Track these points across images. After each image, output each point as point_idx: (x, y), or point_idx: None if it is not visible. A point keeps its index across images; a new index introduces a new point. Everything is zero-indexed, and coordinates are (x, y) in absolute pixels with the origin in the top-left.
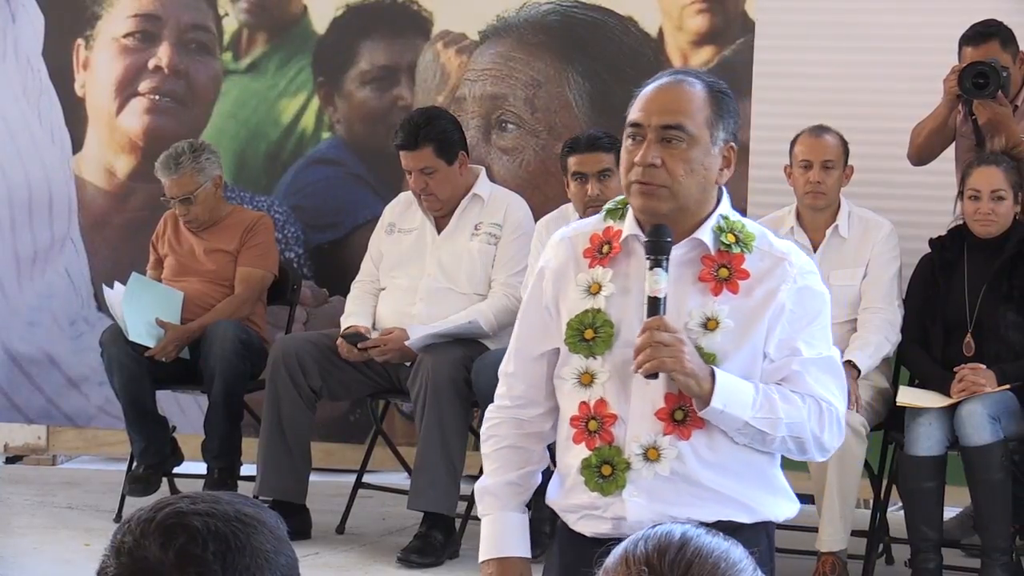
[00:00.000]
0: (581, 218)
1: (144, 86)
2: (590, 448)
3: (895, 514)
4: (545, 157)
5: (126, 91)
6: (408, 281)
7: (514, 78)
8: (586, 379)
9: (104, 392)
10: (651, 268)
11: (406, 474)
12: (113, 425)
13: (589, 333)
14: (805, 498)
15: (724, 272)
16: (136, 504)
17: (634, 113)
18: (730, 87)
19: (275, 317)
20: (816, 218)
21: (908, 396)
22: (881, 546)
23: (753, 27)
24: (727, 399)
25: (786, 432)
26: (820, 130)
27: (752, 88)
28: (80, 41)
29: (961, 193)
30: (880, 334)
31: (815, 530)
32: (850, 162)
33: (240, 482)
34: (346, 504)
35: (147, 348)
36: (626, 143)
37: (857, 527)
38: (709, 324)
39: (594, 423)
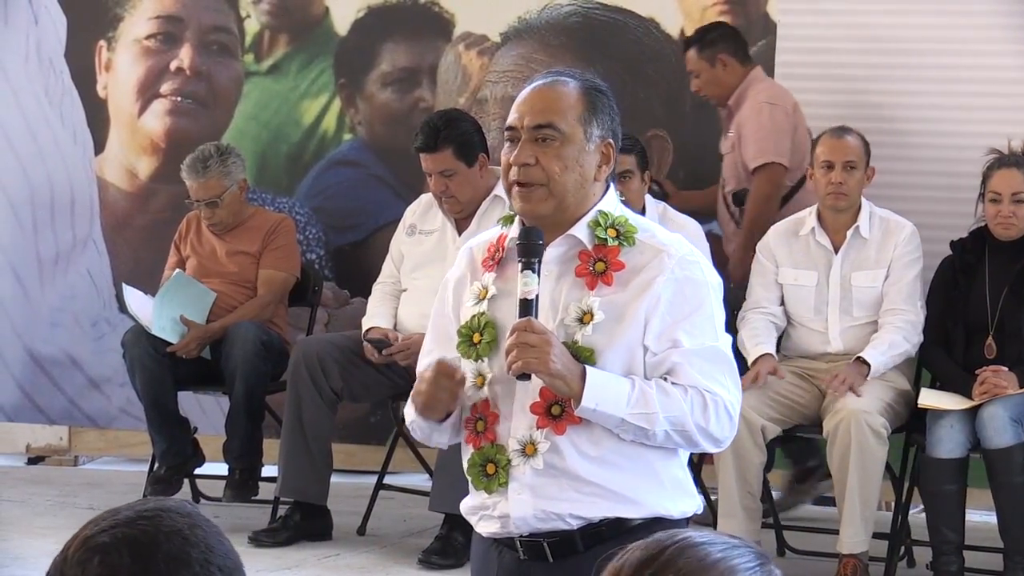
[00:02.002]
0: None
1: (166, 88)
2: (475, 448)
3: (917, 516)
4: None
5: (148, 92)
6: (429, 283)
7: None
8: (480, 381)
9: (126, 393)
10: (522, 270)
11: (427, 475)
12: (135, 426)
13: (477, 337)
14: (827, 500)
15: (600, 266)
16: None
17: (509, 117)
18: None
19: (296, 318)
20: (837, 219)
21: (930, 398)
22: (902, 548)
23: (775, 28)
24: (599, 397)
25: (667, 426)
26: (841, 131)
27: None
28: (102, 43)
29: (982, 195)
30: (898, 334)
31: (836, 532)
32: (872, 163)
33: (261, 483)
34: (367, 505)
35: (168, 344)
36: (504, 149)
37: (878, 529)
38: (584, 318)
39: (481, 423)
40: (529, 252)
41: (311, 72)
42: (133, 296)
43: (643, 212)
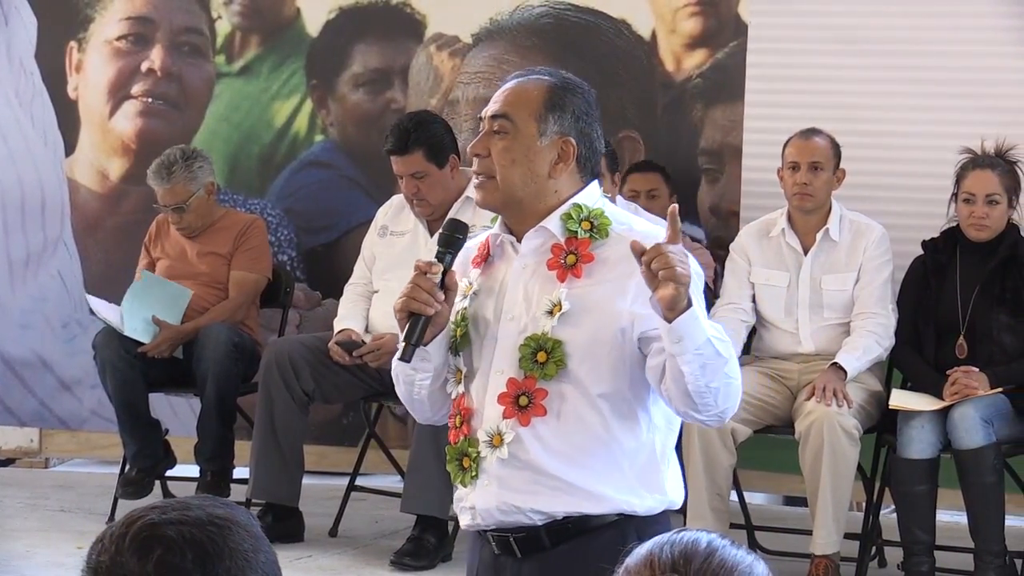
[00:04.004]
0: None
1: (137, 89)
2: (453, 442)
3: (888, 517)
4: None
5: (119, 94)
6: (401, 284)
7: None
8: (458, 376)
9: (97, 395)
10: (436, 257)
11: (399, 477)
12: (106, 428)
13: (458, 331)
14: (798, 500)
15: (571, 259)
16: (129, 507)
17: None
18: (723, 90)
19: (268, 320)
20: (807, 221)
21: (901, 399)
22: (874, 549)
23: (746, 30)
24: (700, 313)
25: (728, 364)
26: (810, 132)
27: (745, 91)
28: (73, 44)
29: (955, 196)
30: (870, 338)
31: (808, 532)
32: (843, 165)
33: (233, 485)
34: (339, 507)
35: (140, 345)
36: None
37: (850, 530)
38: (553, 310)
39: (458, 418)
40: (447, 243)
41: (283, 73)
42: (98, 304)
43: None
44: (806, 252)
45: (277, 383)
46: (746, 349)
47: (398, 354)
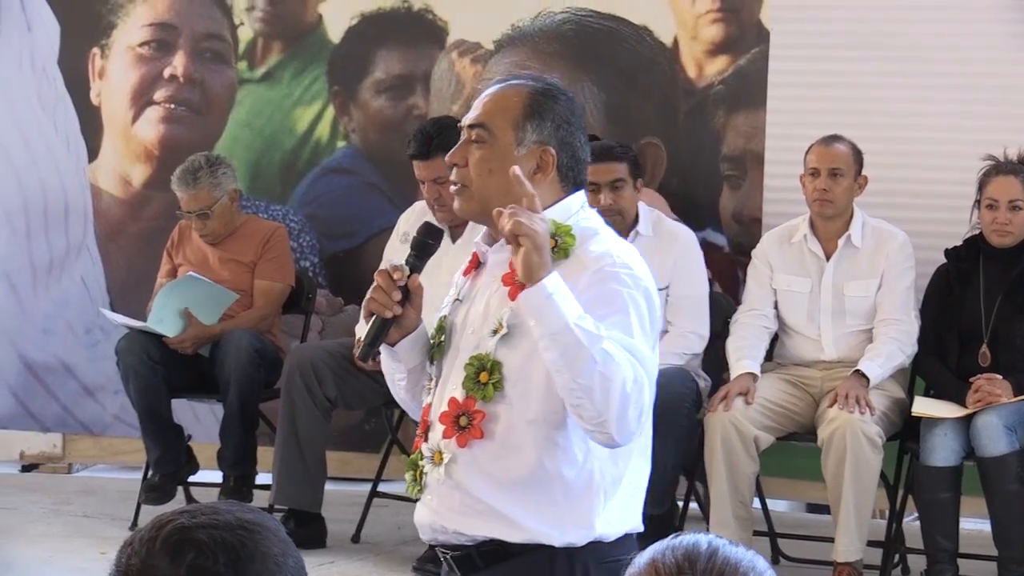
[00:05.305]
0: None
1: (159, 95)
2: (411, 453)
3: (911, 524)
4: None
5: (141, 100)
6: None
7: None
8: (430, 385)
9: (120, 400)
10: (405, 261)
11: None
12: (129, 434)
13: (435, 340)
14: (821, 508)
15: None
16: (152, 512)
17: None
18: (745, 96)
19: (290, 326)
20: (828, 227)
21: (924, 406)
22: (897, 556)
23: (768, 36)
24: (558, 291)
25: (600, 361)
26: (832, 139)
27: (767, 97)
28: (96, 50)
29: (978, 202)
30: (893, 345)
31: (831, 540)
32: (865, 171)
33: (255, 491)
34: (361, 513)
35: (162, 351)
36: None
37: (873, 537)
38: (498, 329)
39: (421, 429)
40: (417, 247)
41: (304, 79)
42: (116, 317)
43: (636, 220)
44: (828, 258)
45: (300, 389)
46: (768, 356)
47: (358, 352)
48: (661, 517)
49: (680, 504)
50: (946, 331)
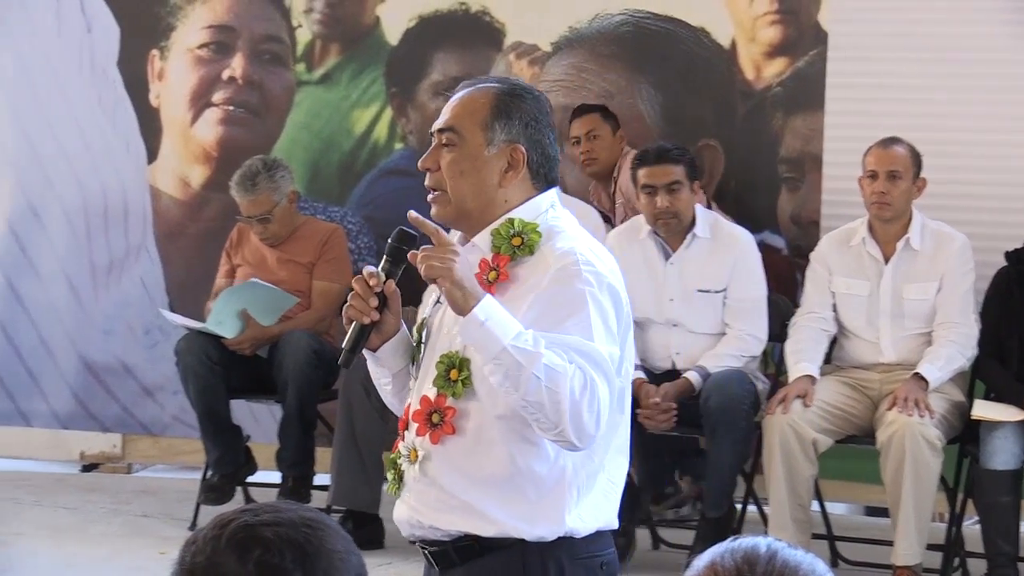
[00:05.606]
0: (652, 231)
1: (218, 97)
2: (391, 452)
3: (971, 528)
4: None
5: (200, 101)
6: None
7: (586, 89)
8: (412, 385)
9: (179, 401)
10: (381, 268)
11: None
12: (188, 434)
13: (417, 341)
14: (880, 511)
15: (493, 275)
16: (211, 513)
17: None
18: (803, 98)
19: None
20: (887, 230)
21: (984, 410)
22: (957, 560)
23: (826, 38)
24: (491, 315)
25: (543, 376)
26: (890, 141)
27: (825, 99)
28: (155, 52)
29: None
30: (953, 347)
31: (890, 543)
32: (924, 174)
33: (313, 491)
34: None
35: (222, 352)
36: None
37: (932, 541)
38: None
39: (401, 428)
40: (391, 253)
41: (362, 81)
42: (175, 318)
43: (693, 223)
44: (887, 261)
45: (357, 390)
46: (827, 358)
47: (340, 359)
48: (719, 520)
49: (738, 507)
50: (1006, 334)
